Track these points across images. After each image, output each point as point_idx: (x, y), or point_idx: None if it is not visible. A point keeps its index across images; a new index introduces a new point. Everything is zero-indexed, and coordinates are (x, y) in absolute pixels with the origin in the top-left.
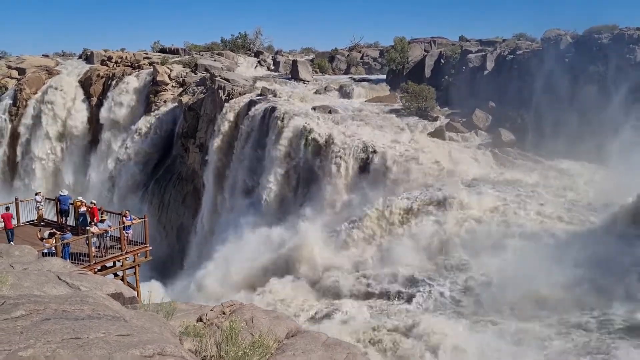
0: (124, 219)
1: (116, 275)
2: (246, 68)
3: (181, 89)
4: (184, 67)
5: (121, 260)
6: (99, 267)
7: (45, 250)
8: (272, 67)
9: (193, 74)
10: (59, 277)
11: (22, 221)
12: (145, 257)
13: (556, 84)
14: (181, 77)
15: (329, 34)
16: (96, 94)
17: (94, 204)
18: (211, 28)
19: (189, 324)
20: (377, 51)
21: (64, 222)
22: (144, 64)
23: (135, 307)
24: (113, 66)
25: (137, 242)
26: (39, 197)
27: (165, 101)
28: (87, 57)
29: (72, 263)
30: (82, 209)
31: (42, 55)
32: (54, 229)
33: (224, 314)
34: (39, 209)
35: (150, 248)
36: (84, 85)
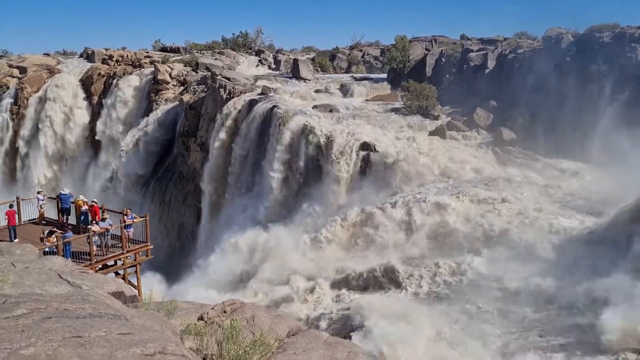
0: (125, 217)
1: (117, 274)
2: (247, 67)
3: (182, 87)
4: (185, 66)
5: (122, 259)
6: (100, 266)
7: (47, 249)
8: (273, 66)
9: (194, 73)
10: (60, 276)
11: (23, 220)
12: (146, 256)
13: (557, 83)
14: (182, 75)
15: (330, 33)
16: (97, 92)
17: (95, 203)
18: (212, 27)
19: (190, 322)
20: (378, 50)
21: (65, 220)
22: (145, 62)
23: (136, 305)
24: (114, 65)
25: (138, 240)
26: (40, 196)
27: (166, 100)
28: (88, 56)
29: (73, 262)
30: (83, 208)
31: (43, 54)
32: (54, 228)
33: (224, 312)
34: (41, 207)
35: (151, 247)
36: (85, 84)
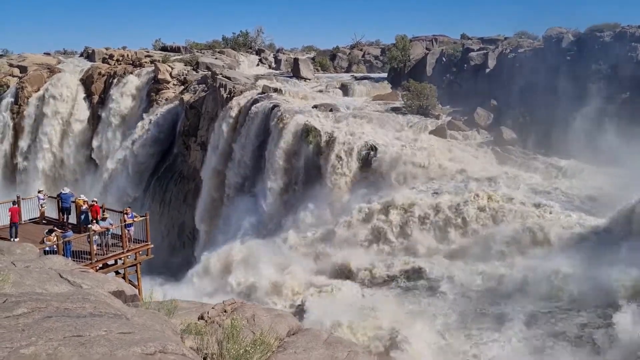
0: (125, 216)
1: (117, 273)
2: (247, 66)
3: (182, 87)
4: (185, 65)
5: (122, 258)
6: (100, 265)
7: (47, 248)
8: (273, 65)
9: (194, 72)
10: (60, 275)
11: (24, 219)
12: (147, 255)
13: (558, 82)
14: (182, 75)
15: (330, 32)
16: (97, 92)
17: (96, 202)
18: (212, 26)
19: (190, 322)
20: (379, 49)
21: (65, 219)
22: (146, 62)
23: (136, 305)
24: (114, 64)
25: (138, 240)
26: (41, 195)
27: (166, 99)
28: (89, 55)
29: (74, 261)
30: (83, 207)
31: (44, 54)
32: (54, 227)
33: (225, 312)
34: (41, 206)
35: (152, 246)
36: (86, 83)
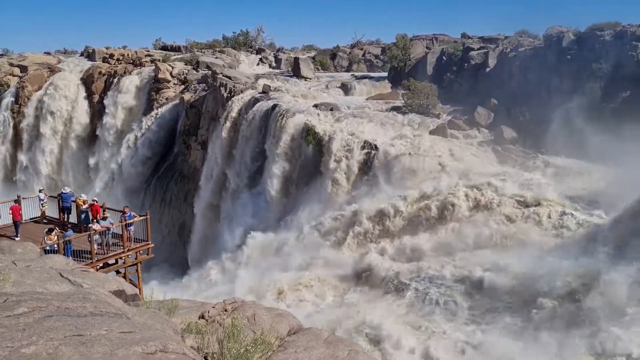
0: (124, 216)
1: (118, 272)
2: (248, 65)
3: (183, 86)
4: (185, 65)
5: (123, 258)
6: (101, 265)
7: (47, 248)
8: (273, 64)
9: (195, 72)
10: (61, 275)
11: (24, 218)
12: (147, 255)
13: (558, 81)
14: (183, 74)
15: (330, 32)
16: (98, 91)
17: (96, 202)
18: (213, 25)
19: (190, 321)
20: (379, 48)
21: (66, 219)
22: (146, 61)
23: (137, 304)
24: (115, 64)
25: (138, 239)
26: (42, 195)
27: (167, 99)
28: (89, 55)
29: (74, 260)
30: (83, 207)
31: (44, 53)
32: (55, 226)
33: (225, 311)
34: (42, 206)
35: (152, 245)
36: (86, 82)
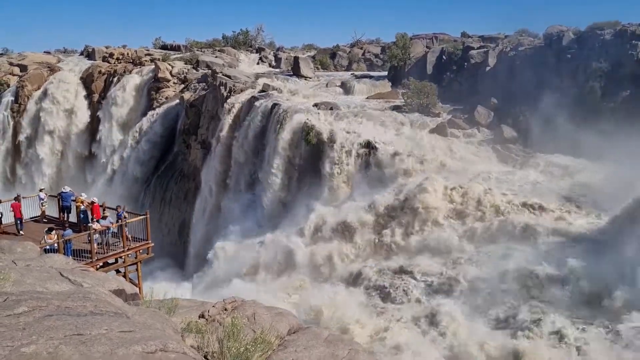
0: (117, 214)
1: (118, 271)
2: (248, 65)
3: (183, 85)
4: (185, 64)
5: (123, 257)
6: (101, 264)
7: (47, 247)
8: (273, 63)
9: (194, 71)
10: (61, 274)
11: (24, 218)
12: (147, 254)
13: (558, 80)
14: (183, 73)
15: (330, 31)
16: (98, 90)
17: (95, 201)
18: (213, 25)
19: (190, 320)
20: (379, 48)
21: (66, 218)
22: (146, 60)
23: (137, 303)
24: (114, 63)
25: (138, 238)
26: (42, 194)
27: (166, 98)
28: (89, 54)
29: (74, 260)
30: (82, 207)
31: (44, 52)
32: (54, 226)
33: (225, 310)
34: (42, 205)
35: (152, 244)
36: (86, 81)
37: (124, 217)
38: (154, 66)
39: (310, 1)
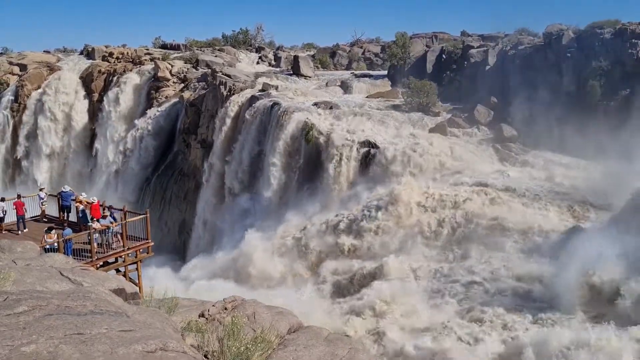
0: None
1: (118, 271)
2: (247, 64)
3: (182, 84)
4: (185, 63)
5: (123, 256)
6: (101, 263)
7: (47, 246)
8: (273, 63)
9: (194, 70)
10: (61, 273)
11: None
12: (147, 253)
13: (558, 79)
14: (182, 73)
15: (330, 30)
16: (97, 89)
17: (95, 201)
18: (212, 24)
19: (191, 319)
20: (379, 47)
21: (65, 218)
22: (145, 60)
23: (137, 302)
24: (114, 62)
25: (138, 237)
26: (42, 194)
27: (166, 97)
28: (88, 53)
29: (74, 259)
30: (80, 207)
31: (44, 52)
32: (54, 225)
33: (225, 309)
34: (42, 204)
35: (152, 244)
36: (85, 81)
37: (115, 218)
38: (153, 65)
39: (310, 0)
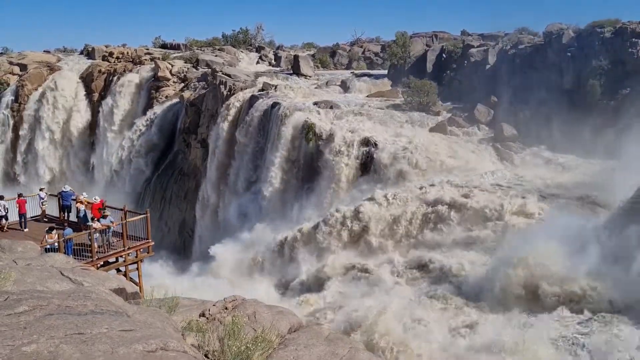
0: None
1: (118, 270)
2: (247, 63)
3: (182, 84)
4: (185, 63)
5: (123, 256)
6: (101, 263)
7: (48, 246)
8: (273, 62)
9: (194, 70)
10: (61, 273)
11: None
12: (148, 253)
13: (558, 79)
14: (182, 72)
15: (330, 29)
16: (98, 89)
17: (96, 201)
18: (212, 23)
19: (191, 319)
20: (379, 46)
21: (66, 217)
22: (146, 59)
23: (137, 302)
24: (114, 62)
25: (139, 237)
26: (42, 193)
27: (166, 97)
28: (89, 53)
29: (75, 259)
30: (80, 207)
31: (44, 51)
32: (54, 225)
33: (226, 309)
34: (42, 204)
35: (152, 243)
36: (86, 81)
37: (112, 221)
38: (153, 65)
39: (310, 0)
